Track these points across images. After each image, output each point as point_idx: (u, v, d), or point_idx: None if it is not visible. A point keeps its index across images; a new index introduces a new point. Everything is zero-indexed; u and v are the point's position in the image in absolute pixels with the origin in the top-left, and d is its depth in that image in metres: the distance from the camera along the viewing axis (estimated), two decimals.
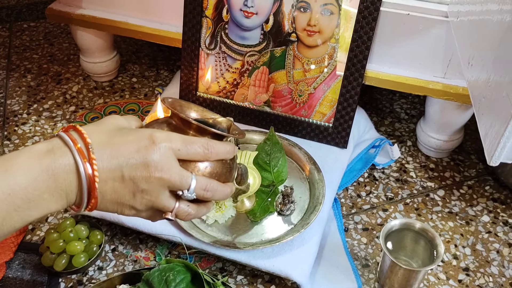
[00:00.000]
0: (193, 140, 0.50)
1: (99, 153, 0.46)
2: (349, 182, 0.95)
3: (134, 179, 0.47)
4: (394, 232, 0.76)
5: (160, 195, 0.49)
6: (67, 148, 0.46)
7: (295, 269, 0.74)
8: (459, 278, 0.81)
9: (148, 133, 0.48)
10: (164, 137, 0.48)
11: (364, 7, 0.84)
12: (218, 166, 0.52)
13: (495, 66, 0.59)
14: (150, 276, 0.69)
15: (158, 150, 0.47)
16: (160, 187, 0.48)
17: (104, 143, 0.47)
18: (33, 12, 1.46)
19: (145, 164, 0.47)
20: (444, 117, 0.94)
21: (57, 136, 0.47)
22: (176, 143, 0.48)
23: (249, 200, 0.83)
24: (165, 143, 0.48)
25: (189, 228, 0.78)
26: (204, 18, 0.95)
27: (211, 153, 0.51)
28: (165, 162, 0.47)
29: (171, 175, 0.48)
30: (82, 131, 0.47)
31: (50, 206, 0.46)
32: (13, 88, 1.18)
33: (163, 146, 0.47)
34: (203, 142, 0.50)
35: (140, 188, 0.48)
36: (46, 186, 0.45)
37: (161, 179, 0.47)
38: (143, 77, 1.22)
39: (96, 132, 0.48)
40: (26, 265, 0.80)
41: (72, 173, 0.45)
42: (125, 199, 0.48)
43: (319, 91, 0.93)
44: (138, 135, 0.48)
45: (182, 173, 0.49)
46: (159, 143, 0.47)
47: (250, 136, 0.94)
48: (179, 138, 0.49)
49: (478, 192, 0.95)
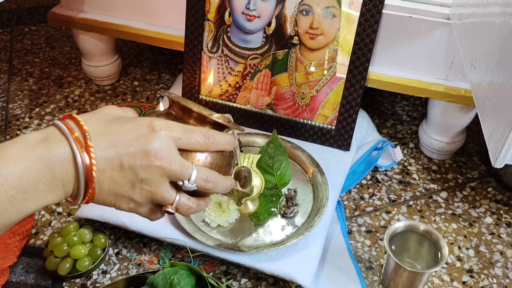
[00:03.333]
0: (193, 129, 0.49)
1: (97, 142, 0.44)
2: (352, 184, 0.95)
3: (133, 168, 0.45)
4: (398, 234, 0.76)
5: (160, 186, 0.47)
6: (63, 137, 0.44)
7: (299, 272, 0.74)
8: (463, 280, 0.81)
9: (148, 121, 0.47)
10: (164, 125, 0.47)
11: (366, 9, 0.85)
12: (218, 157, 0.51)
13: (499, 68, 0.59)
14: (154, 280, 0.69)
15: (158, 138, 0.45)
16: (160, 177, 0.47)
17: (102, 132, 0.45)
18: (34, 16, 1.46)
19: (145, 152, 0.45)
20: (446, 119, 0.94)
21: (52, 125, 0.46)
22: (177, 132, 0.47)
23: (252, 203, 0.83)
24: (165, 131, 0.46)
25: (193, 232, 0.77)
26: (206, 21, 0.95)
27: (212, 143, 0.49)
28: (166, 151, 0.46)
29: (171, 163, 0.46)
30: (78, 119, 0.45)
31: (47, 197, 0.44)
32: (15, 92, 1.18)
33: (163, 134, 0.46)
34: (204, 131, 0.49)
35: (139, 178, 0.46)
36: (42, 176, 0.43)
37: (162, 167, 0.46)
38: (145, 80, 1.23)
39: (94, 121, 0.46)
40: (30, 270, 0.79)
41: (69, 163, 0.44)
42: (124, 190, 0.47)
43: (322, 93, 0.93)
44: (137, 123, 0.47)
45: (183, 162, 0.47)
46: (159, 131, 0.46)
47: (253, 139, 0.94)
48: (179, 127, 0.48)
49: (481, 193, 0.95)
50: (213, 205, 0.81)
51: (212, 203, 0.81)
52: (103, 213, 0.82)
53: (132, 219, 0.81)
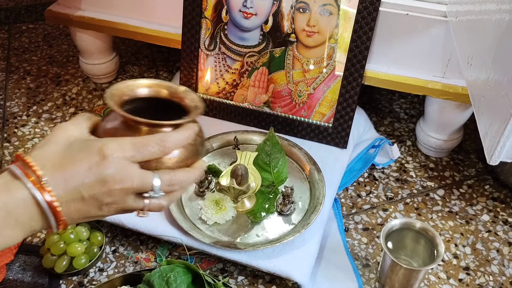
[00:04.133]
0: (145, 142, 0.47)
1: (53, 182, 0.44)
2: (349, 182, 0.95)
3: (94, 196, 0.46)
4: (395, 232, 0.76)
5: (127, 201, 0.48)
6: (21, 183, 0.44)
7: (296, 269, 0.74)
8: (460, 277, 0.81)
9: (98, 146, 0.46)
10: (115, 147, 0.46)
11: (363, 7, 0.84)
12: (182, 152, 0.49)
13: (494, 66, 0.59)
14: (151, 277, 0.69)
15: (111, 163, 0.45)
16: (124, 196, 0.47)
17: (55, 168, 0.45)
18: (32, 14, 1.46)
19: (101, 181, 0.45)
20: (443, 116, 0.94)
21: (7, 171, 0.46)
22: (129, 151, 0.46)
23: (249, 201, 0.83)
24: (117, 154, 0.45)
25: (189, 229, 0.78)
26: (203, 19, 0.95)
27: (168, 148, 0.48)
28: (122, 173, 0.45)
29: (132, 182, 0.46)
30: (31, 163, 0.45)
31: (12, 239, 0.45)
32: (13, 90, 1.18)
33: (115, 158, 0.45)
34: (157, 140, 0.47)
35: (104, 202, 0.46)
36: (5, 223, 0.43)
37: (123, 189, 0.46)
38: (142, 78, 1.22)
39: (45, 158, 0.46)
40: (26, 267, 0.80)
41: (31, 206, 0.44)
42: (92, 213, 0.47)
43: (319, 91, 0.93)
44: (88, 150, 0.46)
45: (143, 176, 0.47)
46: (111, 156, 0.45)
47: (250, 137, 0.94)
48: (130, 144, 0.46)
49: (477, 191, 0.96)
50: (210, 202, 0.81)
51: (209, 201, 0.81)
52: None
53: (129, 217, 0.81)
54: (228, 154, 0.93)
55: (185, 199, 0.84)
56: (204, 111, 0.56)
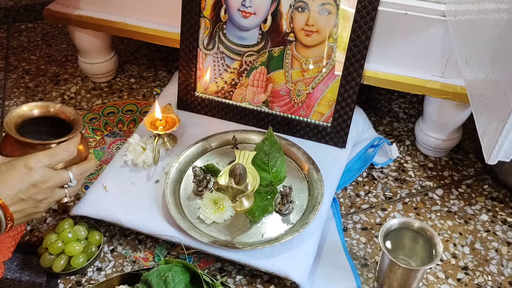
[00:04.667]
0: (55, 152, 0.66)
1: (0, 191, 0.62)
2: (347, 181, 0.95)
3: (31, 197, 0.63)
4: (393, 232, 0.76)
5: (54, 195, 0.67)
6: None
7: (294, 269, 0.74)
8: (458, 277, 0.81)
9: (23, 163, 0.63)
10: (35, 160, 0.64)
11: (362, 6, 0.84)
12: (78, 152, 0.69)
13: (493, 65, 0.59)
14: (149, 277, 0.69)
15: (36, 171, 0.63)
16: (51, 191, 0.66)
17: None
18: (30, 13, 1.45)
19: (33, 185, 0.63)
20: (442, 116, 0.94)
21: None
22: (46, 160, 0.64)
23: (247, 200, 0.82)
24: (38, 165, 0.64)
25: (188, 229, 0.77)
26: (202, 18, 0.95)
27: (72, 151, 0.68)
28: (46, 176, 0.64)
29: (54, 180, 0.65)
30: None
31: None
32: (11, 89, 1.18)
33: (38, 167, 0.63)
34: (63, 148, 0.66)
35: (38, 199, 0.65)
36: None
37: (49, 187, 0.65)
38: (141, 77, 1.22)
39: None
40: (24, 267, 0.79)
41: None
42: (31, 211, 0.65)
43: (318, 91, 0.93)
44: (17, 167, 0.63)
45: (61, 174, 0.66)
46: (34, 166, 0.63)
47: (249, 136, 0.94)
48: (45, 156, 0.65)
49: (476, 191, 0.95)
50: (208, 202, 0.81)
51: (208, 200, 0.81)
52: (98, 211, 0.82)
53: (127, 216, 0.81)
54: (226, 153, 0.93)
55: (184, 199, 0.84)
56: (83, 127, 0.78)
